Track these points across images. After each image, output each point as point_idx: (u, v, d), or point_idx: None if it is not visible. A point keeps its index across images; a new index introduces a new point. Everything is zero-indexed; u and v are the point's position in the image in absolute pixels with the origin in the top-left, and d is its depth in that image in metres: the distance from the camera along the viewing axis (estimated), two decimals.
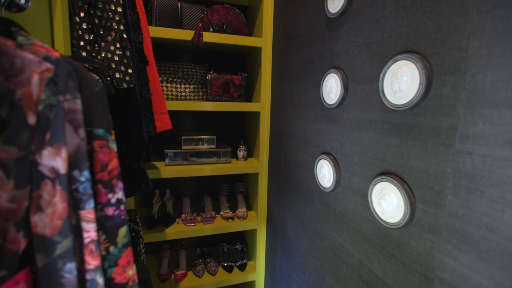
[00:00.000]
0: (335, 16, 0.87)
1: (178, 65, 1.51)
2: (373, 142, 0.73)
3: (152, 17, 1.37)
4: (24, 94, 0.39)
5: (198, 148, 1.50)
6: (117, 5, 0.77)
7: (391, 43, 0.67)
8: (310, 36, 1.06)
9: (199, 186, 1.80)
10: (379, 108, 0.71)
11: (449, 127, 0.53)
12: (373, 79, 0.73)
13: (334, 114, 0.90)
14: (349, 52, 0.82)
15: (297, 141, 1.17)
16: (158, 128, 1.00)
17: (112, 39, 0.77)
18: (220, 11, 1.40)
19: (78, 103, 0.43)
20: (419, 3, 0.60)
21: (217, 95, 1.46)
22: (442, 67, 0.55)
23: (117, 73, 0.76)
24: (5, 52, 0.38)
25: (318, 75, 0.99)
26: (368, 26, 0.75)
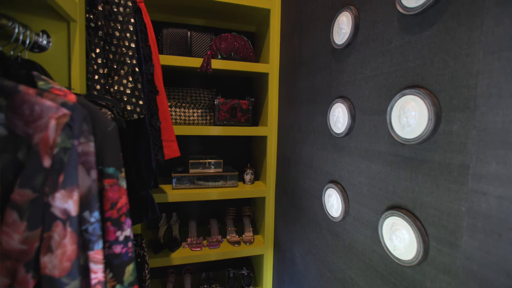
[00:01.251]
0: (341, 47, 0.89)
1: (186, 90, 1.54)
2: (382, 174, 0.73)
3: (163, 46, 1.43)
4: (41, 139, 0.41)
5: (205, 171, 1.51)
6: (131, 41, 0.80)
7: (398, 76, 0.68)
8: (316, 64, 1.08)
9: (205, 209, 1.79)
10: (387, 140, 0.71)
11: (461, 165, 0.53)
12: (380, 111, 0.73)
13: (341, 143, 0.90)
14: (356, 83, 0.83)
15: (304, 167, 1.16)
16: (167, 156, 1.01)
17: (125, 72, 0.80)
18: (228, 39, 1.44)
19: (91, 145, 0.44)
20: (425, 40, 0.61)
21: (224, 119, 1.48)
22: (450, 103, 0.55)
23: (128, 105, 0.79)
24: (26, 100, 0.40)
25: (325, 103, 1.00)
26: (374, 59, 0.76)
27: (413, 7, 0.61)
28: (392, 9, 0.70)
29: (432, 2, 0.57)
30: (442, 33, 0.57)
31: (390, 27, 0.71)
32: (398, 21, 0.68)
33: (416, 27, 0.63)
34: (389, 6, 0.71)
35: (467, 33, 0.52)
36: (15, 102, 0.40)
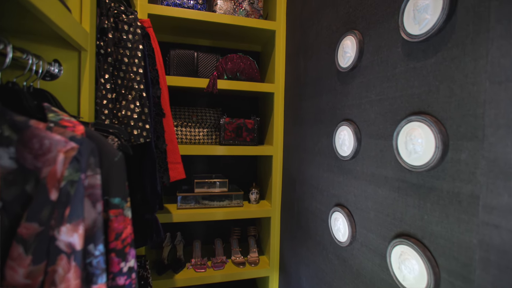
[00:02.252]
0: (346, 70, 0.89)
1: (193, 109, 1.56)
2: (389, 199, 0.71)
3: (170, 66, 1.46)
4: (49, 172, 0.41)
5: (210, 191, 1.50)
6: (139, 67, 0.82)
7: (403, 102, 0.68)
8: (321, 86, 1.09)
9: (210, 228, 1.77)
10: (394, 165, 0.70)
11: (471, 195, 0.51)
12: (386, 136, 0.73)
13: (347, 166, 0.89)
14: (361, 106, 0.83)
15: (310, 188, 1.15)
16: (172, 178, 1.01)
17: (133, 97, 0.81)
18: (234, 60, 1.47)
19: (98, 178, 0.45)
20: (430, 67, 0.61)
21: (230, 139, 1.48)
22: (458, 132, 0.54)
23: (135, 130, 0.80)
24: (36, 135, 0.41)
25: (330, 125, 1.00)
26: (379, 83, 0.76)
27: (417, 35, 0.62)
28: (396, 35, 0.71)
29: (436, 30, 0.58)
30: (447, 61, 0.57)
31: (394, 53, 0.71)
32: (403, 47, 0.69)
33: (421, 54, 0.63)
34: (393, 32, 0.72)
35: (472, 62, 0.52)
36: (26, 136, 0.41)
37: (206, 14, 1.39)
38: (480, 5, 0.51)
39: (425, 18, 0.60)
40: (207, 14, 1.39)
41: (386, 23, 0.74)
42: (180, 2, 1.46)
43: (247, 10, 1.53)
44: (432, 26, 0.58)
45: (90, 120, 0.73)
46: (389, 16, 0.73)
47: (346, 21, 0.93)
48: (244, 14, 1.52)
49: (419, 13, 0.61)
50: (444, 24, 0.57)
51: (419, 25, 0.61)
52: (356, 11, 0.88)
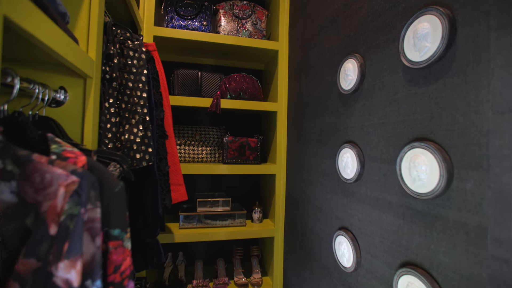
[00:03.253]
0: (348, 92, 0.90)
1: (196, 128, 1.57)
2: (394, 226, 0.70)
3: (174, 86, 1.48)
4: (49, 207, 0.41)
5: (213, 210, 1.49)
6: (143, 91, 0.84)
7: (406, 127, 0.67)
8: (323, 106, 1.09)
9: (212, 248, 1.74)
10: (398, 191, 0.69)
11: (478, 226, 0.50)
12: (390, 160, 0.72)
13: (351, 189, 0.88)
14: (364, 129, 0.83)
15: (313, 209, 1.14)
16: (174, 200, 1.01)
17: (136, 121, 0.82)
18: (237, 79, 1.49)
19: (98, 211, 0.44)
20: (431, 93, 0.61)
21: (233, 157, 1.48)
22: (462, 160, 0.53)
23: (137, 154, 0.80)
24: (38, 169, 0.41)
25: (333, 147, 1.00)
26: (382, 107, 0.76)
27: (418, 61, 0.62)
28: (397, 60, 0.71)
29: (436, 58, 0.58)
30: (448, 88, 0.57)
31: (396, 77, 0.71)
32: (404, 73, 0.69)
33: (422, 80, 0.63)
34: (394, 57, 0.72)
35: (474, 91, 0.52)
36: (28, 170, 0.41)
37: (211, 35, 1.42)
38: (479, 36, 0.51)
39: (425, 46, 0.60)
40: (212, 36, 1.42)
41: (386, 48, 0.75)
42: (185, 24, 1.50)
43: (250, 31, 1.56)
44: (433, 54, 0.58)
45: (94, 145, 0.73)
46: (389, 41, 0.74)
47: (347, 44, 0.95)
48: (247, 35, 1.55)
49: (419, 41, 0.62)
50: (444, 52, 0.57)
51: (419, 52, 0.62)
52: (357, 35, 0.89)
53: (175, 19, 1.49)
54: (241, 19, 1.56)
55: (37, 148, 0.51)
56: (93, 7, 0.72)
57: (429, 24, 0.59)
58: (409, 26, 0.65)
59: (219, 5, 1.56)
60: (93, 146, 0.74)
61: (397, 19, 0.72)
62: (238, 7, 1.57)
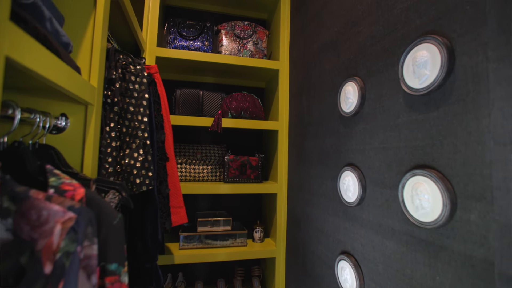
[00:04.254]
0: (349, 115, 0.90)
1: (197, 146, 1.57)
2: (397, 253, 0.68)
3: (176, 105, 1.49)
4: (45, 245, 0.40)
5: (213, 230, 1.47)
6: (144, 115, 0.84)
7: (407, 153, 0.67)
8: (324, 127, 1.09)
9: (213, 268, 1.71)
10: (401, 218, 0.67)
11: (484, 260, 0.49)
12: (392, 186, 0.71)
13: (353, 212, 0.87)
14: (365, 153, 0.83)
15: (315, 231, 1.12)
16: (174, 223, 0.99)
17: (136, 146, 0.82)
18: (238, 98, 1.50)
19: (95, 248, 0.44)
20: (432, 121, 0.61)
21: (234, 176, 1.47)
22: (465, 190, 0.52)
23: (137, 179, 0.80)
24: (35, 206, 0.41)
25: (334, 168, 0.99)
26: (382, 132, 0.76)
27: (417, 88, 0.63)
28: (397, 86, 0.71)
29: (436, 86, 0.58)
30: (449, 117, 0.57)
31: (396, 103, 0.71)
32: (404, 98, 0.69)
33: (423, 107, 0.63)
34: (394, 82, 0.73)
35: (474, 121, 0.51)
36: (25, 207, 0.41)
37: (212, 55, 1.44)
38: (478, 66, 0.51)
39: (425, 74, 0.60)
40: (213, 56, 1.44)
41: (386, 72, 0.76)
42: (187, 45, 1.52)
43: (251, 51, 1.58)
44: (432, 82, 0.59)
45: (93, 171, 0.73)
46: (389, 66, 0.75)
47: (347, 66, 0.95)
48: (248, 55, 1.57)
49: (418, 68, 0.62)
50: (443, 81, 0.57)
51: (419, 80, 0.62)
52: (356, 58, 0.90)
53: (177, 40, 1.51)
54: (242, 39, 1.58)
55: (36, 180, 0.51)
56: (96, 35, 0.74)
57: (427, 53, 0.60)
58: (408, 53, 0.65)
59: (221, 26, 1.59)
60: (93, 172, 0.73)
61: (396, 45, 0.72)
62: (239, 27, 1.60)
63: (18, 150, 0.54)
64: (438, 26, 0.60)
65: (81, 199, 0.49)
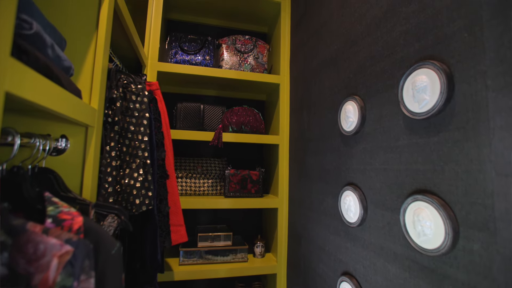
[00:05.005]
0: (349, 134, 0.89)
1: (198, 160, 1.57)
2: (400, 279, 0.67)
3: (177, 119, 1.50)
4: (41, 280, 0.40)
5: (214, 245, 1.45)
6: (144, 135, 0.84)
7: (408, 176, 0.66)
8: (325, 144, 1.08)
9: (213, 284, 1.69)
10: (403, 242, 0.66)
11: None
12: (393, 209, 0.70)
13: (354, 233, 0.86)
14: (366, 173, 0.82)
15: (316, 249, 1.10)
16: (174, 241, 0.98)
17: (137, 165, 0.82)
18: (239, 113, 1.50)
19: (92, 282, 0.43)
20: (433, 145, 0.60)
21: (234, 191, 1.46)
22: (467, 219, 0.52)
23: (137, 199, 0.79)
24: (32, 239, 0.40)
25: (335, 186, 0.98)
26: (383, 153, 0.75)
27: (417, 112, 0.62)
28: (397, 108, 0.71)
29: (436, 111, 0.58)
30: (449, 143, 0.56)
31: (396, 125, 0.71)
32: (404, 121, 0.69)
33: (423, 131, 0.63)
34: (394, 104, 0.73)
35: (475, 149, 0.51)
36: (21, 241, 0.41)
37: (213, 70, 1.45)
38: (478, 94, 0.51)
39: (424, 99, 0.60)
40: (214, 70, 1.45)
41: (386, 94, 0.76)
42: (189, 59, 1.54)
43: (252, 65, 1.59)
44: (432, 107, 0.58)
45: (93, 193, 0.73)
46: (388, 88, 0.75)
47: (347, 84, 0.96)
48: (249, 69, 1.58)
49: (418, 93, 0.62)
50: (443, 107, 0.57)
51: (418, 104, 0.62)
52: (356, 77, 0.90)
53: (179, 54, 1.53)
54: (243, 53, 1.60)
55: (34, 209, 0.51)
56: (97, 56, 0.74)
57: (427, 78, 0.60)
58: (408, 77, 0.65)
59: (222, 40, 1.61)
60: (93, 193, 0.73)
61: (395, 67, 0.73)
62: (240, 41, 1.61)
63: (17, 176, 0.54)
64: (437, 51, 0.60)
65: (79, 229, 0.49)
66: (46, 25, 0.56)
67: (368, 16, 0.86)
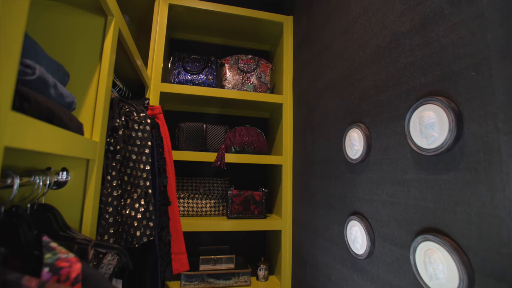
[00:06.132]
0: (355, 162, 0.88)
1: (200, 180, 1.55)
2: None
3: (179, 139, 1.49)
4: None
5: (216, 268, 1.42)
6: (146, 164, 0.83)
7: (417, 213, 0.64)
8: (329, 169, 1.07)
9: None
10: (413, 282, 0.64)
11: None
12: (402, 245, 0.68)
13: (362, 265, 0.83)
14: (372, 203, 0.80)
15: (322, 277, 1.07)
16: (175, 270, 0.96)
17: (138, 195, 0.81)
18: (242, 132, 1.49)
19: None
20: (443, 184, 0.58)
21: (237, 212, 1.44)
22: (483, 266, 0.49)
23: (138, 231, 0.77)
24: None
25: (340, 213, 0.96)
26: (390, 185, 0.74)
27: (426, 148, 0.61)
28: (404, 140, 0.70)
29: (444, 149, 0.56)
30: (460, 183, 0.55)
31: (404, 158, 0.70)
32: (412, 154, 0.67)
33: (431, 167, 0.61)
34: (400, 135, 0.71)
35: (488, 193, 0.49)
36: None
37: (216, 90, 1.45)
38: (489, 135, 0.49)
39: (432, 135, 0.59)
40: (216, 91, 1.45)
41: (392, 124, 0.74)
42: (192, 79, 1.54)
43: (255, 84, 1.59)
44: (441, 145, 0.57)
45: (93, 227, 0.71)
46: (394, 119, 0.73)
47: (351, 111, 0.94)
48: (252, 88, 1.58)
49: (425, 129, 0.60)
50: (452, 145, 0.55)
51: (426, 140, 0.60)
52: (361, 104, 0.89)
53: (182, 74, 1.53)
54: (246, 72, 1.60)
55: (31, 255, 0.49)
56: (100, 88, 0.74)
57: (434, 114, 0.59)
58: (414, 111, 0.64)
59: (225, 60, 1.62)
60: (92, 227, 0.72)
61: (401, 99, 0.72)
62: (243, 61, 1.62)
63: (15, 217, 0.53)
64: (444, 88, 0.59)
65: (76, 277, 0.47)
66: (49, 63, 0.56)
67: (371, 44, 0.85)
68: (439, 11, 0.62)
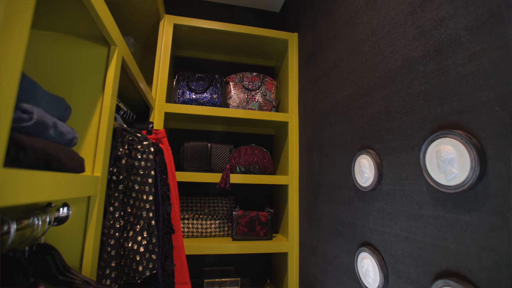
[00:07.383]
0: (365, 190, 0.84)
1: (204, 200, 1.52)
2: None
3: (183, 160, 1.46)
4: None
5: None
6: (149, 194, 0.81)
7: (436, 252, 0.60)
8: (338, 193, 1.03)
9: None
10: None
11: None
12: (420, 286, 0.63)
13: None
14: (385, 236, 0.76)
15: None
16: None
17: (141, 227, 0.78)
18: (247, 152, 1.46)
19: None
20: (464, 225, 0.54)
21: (242, 233, 1.40)
22: None
23: (140, 266, 0.74)
24: None
25: (350, 242, 0.92)
26: (405, 219, 0.70)
27: (444, 185, 0.57)
28: (419, 172, 0.66)
29: (466, 188, 0.53)
30: (485, 226, 0.51)
31: (419, 191, 0.66)
32: (428, 189, 0.63)
33: (451, 205, 0.57)
34: (415, 167, 0.67)
35: None
36: None
37: (220, 110, 1.43)
38: None
39: (452, 172, 0.55)
40: (221, 110, 1.43)
41: (405, 154, 0.71)
42: (196, 98, 1.53)
43: (260, 102, 1.57)
44: (462, 183, 0.53)
45: (94, 264, 0.68)
46: (408, 149, 0.70)
47: (361, 135, 0.91)
48: (256, 106, 1.56)
49: (443, 164, 0.57)
50: (475, 184, 0.52)
51: (445, 176, 0.57)
52: (371, 129, 0.86)
53: (186, 94, 1.52)
54: (250, 90, 1.58)
55: None
56: (102, 119, 0.72)
57: (454, 149, 0.55)
58: (431, 144, 0.61)
59: (229, 78, 1.60)
60: (94, 263, 0.69)
61: (414, 128, 0.68)
62: (247, 78, 1.60)
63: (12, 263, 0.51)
64: (464, 120, 0.56)
65: None
66: (49, 101, 0.54)
67: (381, 68, 0.82)
68: (456, 38, 0.59)
